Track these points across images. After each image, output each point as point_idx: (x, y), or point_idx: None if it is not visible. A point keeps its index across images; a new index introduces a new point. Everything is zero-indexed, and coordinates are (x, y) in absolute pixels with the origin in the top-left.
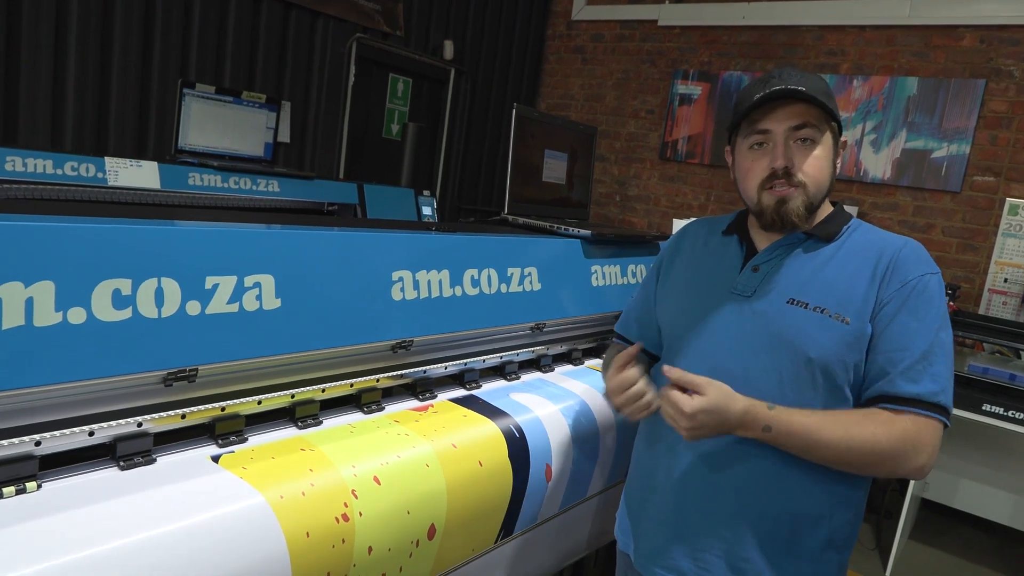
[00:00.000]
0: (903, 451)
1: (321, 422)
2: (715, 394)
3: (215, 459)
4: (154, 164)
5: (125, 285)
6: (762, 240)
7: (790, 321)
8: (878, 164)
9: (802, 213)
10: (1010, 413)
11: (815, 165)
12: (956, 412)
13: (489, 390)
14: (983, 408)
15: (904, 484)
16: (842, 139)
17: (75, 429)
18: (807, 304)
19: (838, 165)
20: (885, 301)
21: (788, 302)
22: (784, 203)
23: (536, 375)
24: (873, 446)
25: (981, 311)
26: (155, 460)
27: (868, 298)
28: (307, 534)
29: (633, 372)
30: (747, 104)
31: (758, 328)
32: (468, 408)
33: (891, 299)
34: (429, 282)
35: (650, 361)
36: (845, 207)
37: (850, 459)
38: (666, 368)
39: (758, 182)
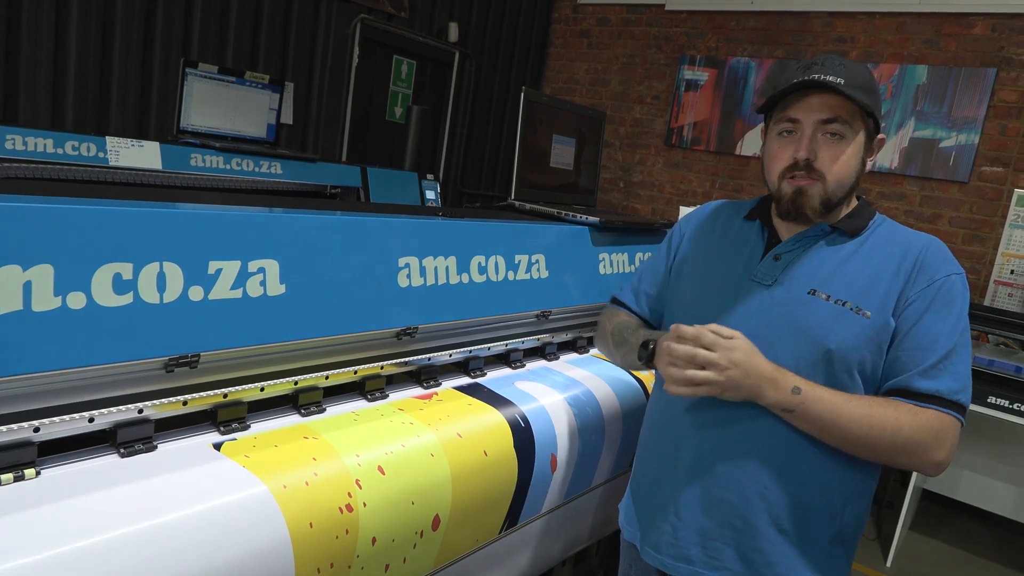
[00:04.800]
0: (925, 442)
1: (324, 409)
2: (748, 343)
3: (217, 447)
4: (156, 144)
5: (126, 269)
6: (785, 229)
7: (811, 312)
8: (885, 153)
9: (816, 207)
10: (1015, 406)
11: (839, 161)
12: None
13: (494, 378)
14: (988, 400)
15: (906, 475)
16: (879, 136)
17: (75, 415)
18: (828, 296)
19: (870, 163)
20: (911, 299)
21: (809, 293)
22: (801, 194)
23: (541, 363)
24: (895, 431)
25: (987, 303)
26: (156, 447)
27: (891, 293)
28: (310, 524)
29: None
30: (779, 89)
31: (777, 317)
32: (473, 396)
33: (917, 297)
34: (436, 269)
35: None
36: None
37: (871, 441)
38: (705, 325)
39: (780, 169)
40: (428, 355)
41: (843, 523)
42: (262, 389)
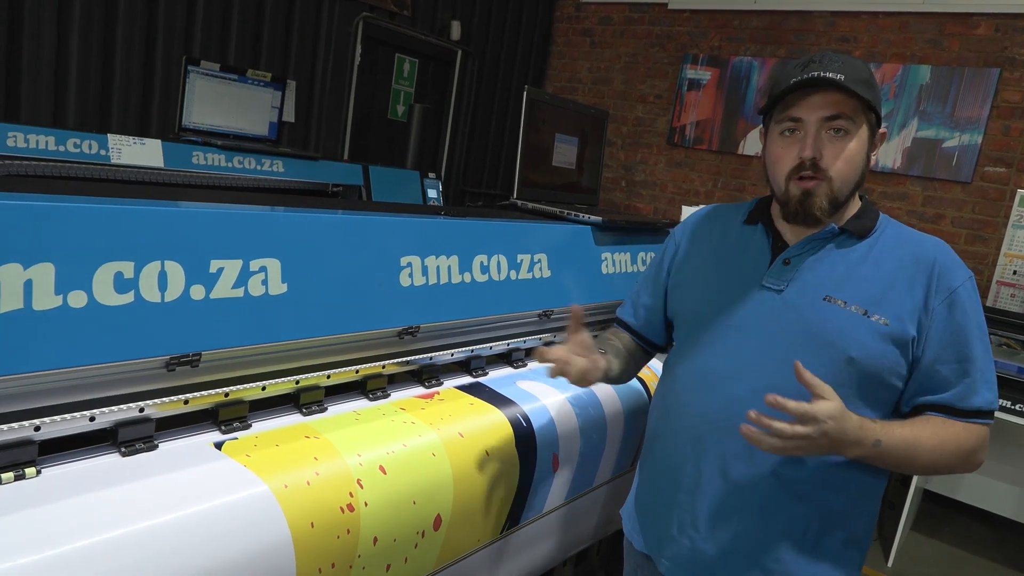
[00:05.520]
0: (975, 453)
1: (326, 409)
2: (839, 402)
3: (218, 446)
4: (157, 142)
5: (127, 268)
6: (790, 232)
7: (828, 319)
8: (888, 153)
9: (825, 207)
10: (1017, 407)
11: (844, 158)
12: None
13: (495, 377)
14: None
15: (907, 475)
16: (881, 130)
17: (75, 414)
18: (845, 302)
19: (874, 158)
20: (935, 310)
21: (824, 299)
22: (809, 196)
23: None
24: (957, 453)
25: (989, 303)
26: (157, 446)
27: (907, 301)
28: (312, 524)
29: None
30: (781, 88)
31: (792, 324)
32: (475, 396)
33: (941, 309)
34: (438, 268)
35: (646, 348)
36: None
37: (937, 463)
38: (799, 367)
39: (786, 171)
40: (430, 354)
41: (856, 524)
42: (263, 388)
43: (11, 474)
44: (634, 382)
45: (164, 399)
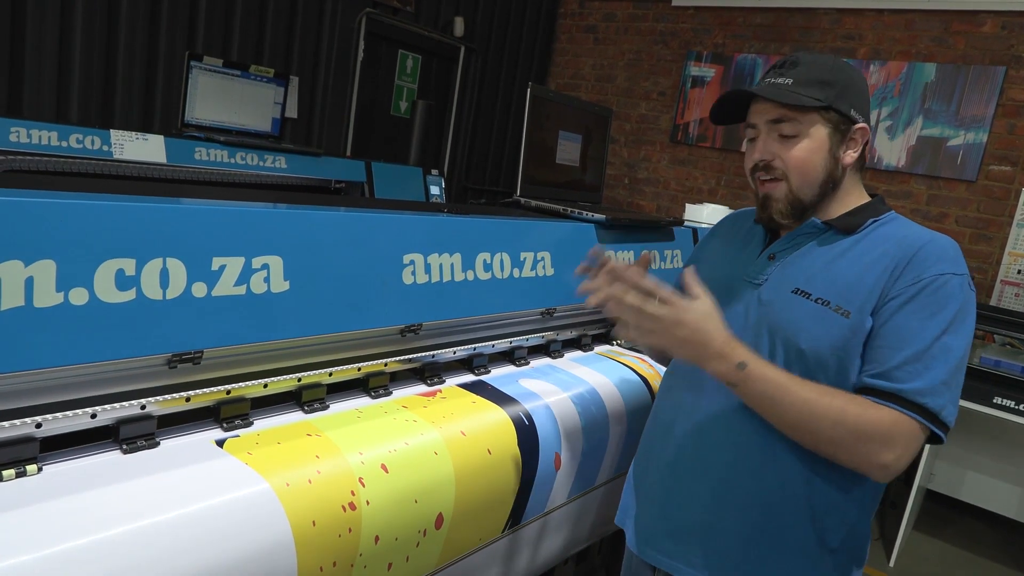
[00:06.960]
0: (870, 439)
1: (328, 406)
2: (710, 306)
3: (219, 443)
4: (160, 138)
5: (129, 265)
6: (785, 229)
7: (789, 311)
8: (893, 151)
9: (783, 210)
10: (1020, 407)
11: (798, 158)
12: (965, 404)
13: (498, 376)
14: (993, 401)
15: (910, 475)
16: (859, 126)
17: (77, 411)
18: (810, 295)
19: (852, 155)
20: (891, 295)
21: (793, 292)
22: (768, 199)
23: (545, 361)
24: (837, 421)
25: (993, 302)
26: (159, 443)
27: (874, 291)
28: (313, 523)
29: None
30: (715, 102)
31: (760, 317)
32: (477, 394)
33: (898, 294)
34: (441, 266)
35: None
36: None
37: (812, 429)
38: (687, 271)
39: (749, 174)
40: (432, 352)
41: (825, 528)
42: (265, 386)
43: (12, 471)
44: (637, 380)
45: (166, 396)
